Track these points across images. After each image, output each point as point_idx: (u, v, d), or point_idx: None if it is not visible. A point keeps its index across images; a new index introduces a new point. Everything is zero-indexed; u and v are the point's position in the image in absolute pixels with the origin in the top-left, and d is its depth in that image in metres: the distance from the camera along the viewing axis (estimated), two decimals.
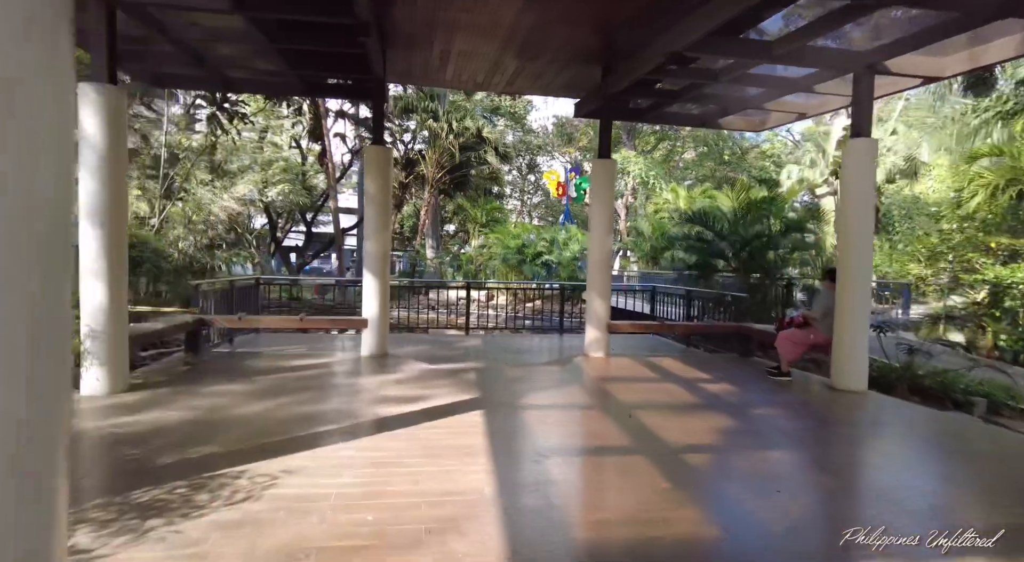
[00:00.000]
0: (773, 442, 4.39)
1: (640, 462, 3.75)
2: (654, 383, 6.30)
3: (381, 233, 7.20)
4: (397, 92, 23.75)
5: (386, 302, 7.30)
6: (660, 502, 3.13)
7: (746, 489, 3.38)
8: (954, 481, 3.81)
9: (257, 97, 15.79)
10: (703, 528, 2.90)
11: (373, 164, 7.23)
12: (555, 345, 9.24)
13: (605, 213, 7.64)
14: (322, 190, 28.55)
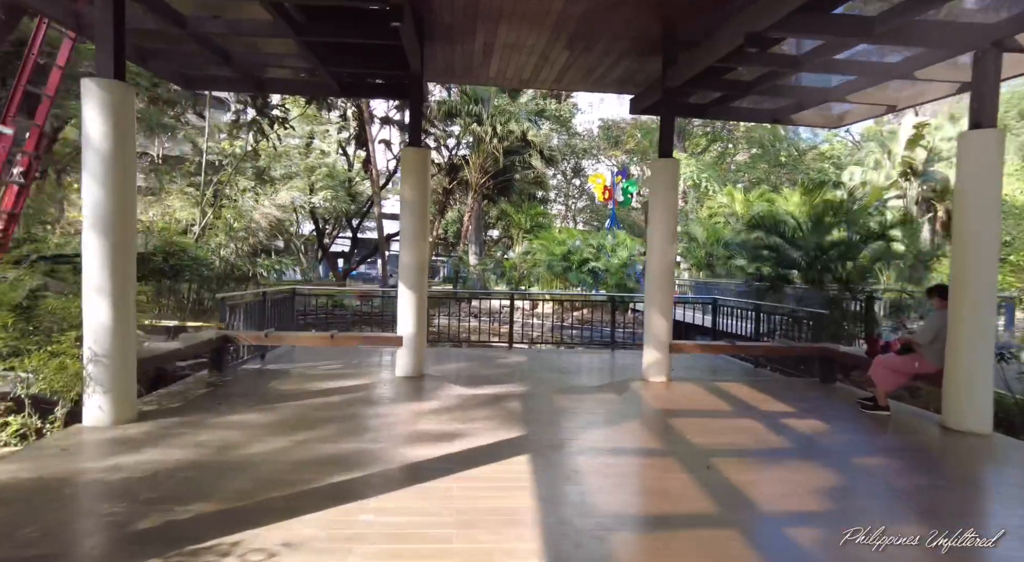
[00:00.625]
0: (899, 510, 3.48)
1: (731, 540, 2.93)
2: (729, 418, 5.42)
3: (418, 242, 6.57)
4: (441, 97, 23.39)
5: (423, 318, 6.66)
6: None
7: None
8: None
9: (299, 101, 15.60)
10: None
11: (410, 168, 6.62)
12: (607, 364, 8.43)
13: (667, 219, 6.80)
14: (368, 196, 28.53)
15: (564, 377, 7.26)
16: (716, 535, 3.00)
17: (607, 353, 9.58)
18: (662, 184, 6.88)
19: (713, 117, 8.53)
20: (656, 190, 6.93)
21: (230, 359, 6.70)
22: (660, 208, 6.85)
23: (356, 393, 5.77)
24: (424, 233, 6.63)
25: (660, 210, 6.85)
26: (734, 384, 6.89)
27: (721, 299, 10.27)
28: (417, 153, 6.63)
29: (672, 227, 6.85)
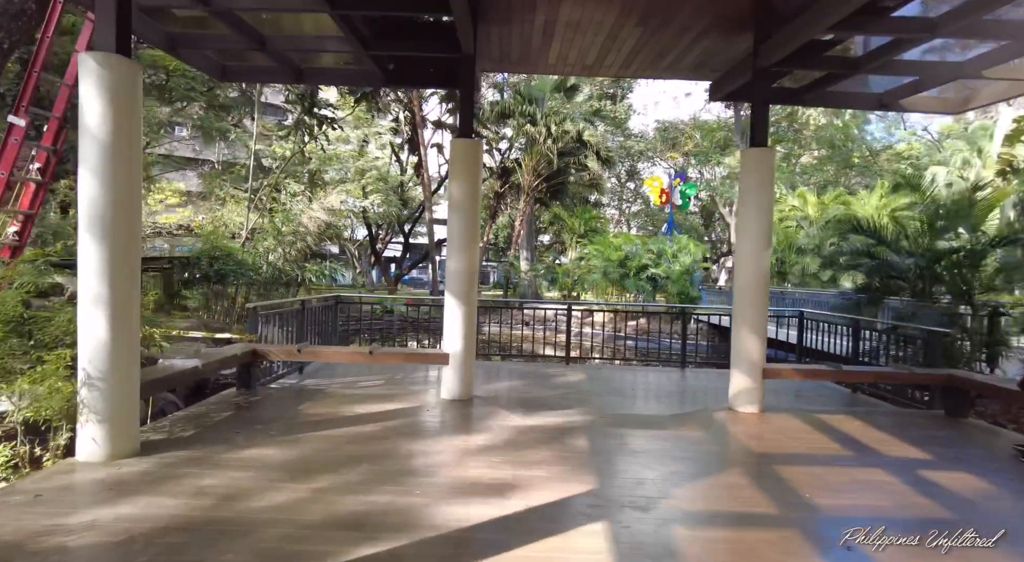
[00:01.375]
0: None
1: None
2: (850, 467, 4.32)
3: (468, 247, 5.76)
4: (493, 98, 22.75)
5: (472, 333, 5.84)
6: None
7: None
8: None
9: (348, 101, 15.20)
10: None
11: (459, 162, 5.82)
12: (679, 386, 7.41)
13: (760, 219, 5.74)
14: (420, 201, 28.22)
15: (633, 403, 6.29)
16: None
17: (676, 371, 8.53)
18: (755, 178, 5.82)
19: (809, 104, 7.39)
20: (747, 185, 5.87)
21: (260, 375, 6.07)
22: (752, 206, 5.80)
23: (395, 420, 4.99)
24: (474, 236, 5.82)
25: (752, 209, 5.80)
26: (840, 417, 5.74)
27: (810, 312, 9.02)
28: (467, 145, 5.82)
29: (766, 229, 5.78)
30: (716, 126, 35.21)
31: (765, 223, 5.78)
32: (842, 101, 7.61)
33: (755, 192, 5.80)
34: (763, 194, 5.79)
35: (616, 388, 7.17)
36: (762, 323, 5.82)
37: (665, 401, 6.54)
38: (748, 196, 5.84)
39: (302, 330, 7.44)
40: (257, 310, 6.18)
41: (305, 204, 14.04)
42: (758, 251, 5.76)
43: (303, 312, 7.46)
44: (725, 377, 8.15)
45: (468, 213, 5.75)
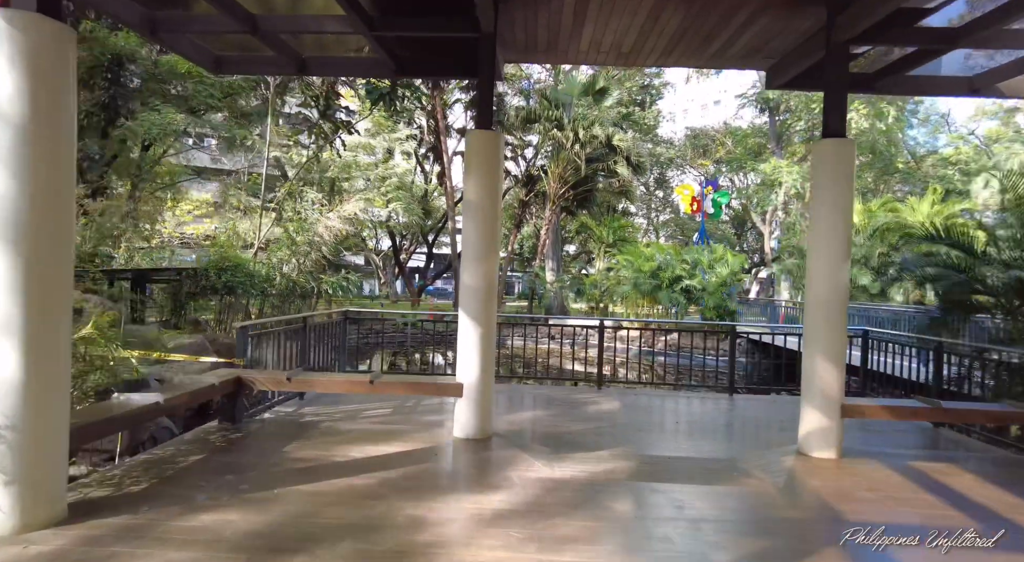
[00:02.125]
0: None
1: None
2: (996, 555, 3.28)
3: (485, 258, 4.88)
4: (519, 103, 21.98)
5: (490, 358, 4.94)
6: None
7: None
8: None
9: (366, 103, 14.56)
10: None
11: (476, 156, 4.96)
12: (729, 417, 6.42)
13: (837, 223, 4.74)
14: (444, 211, 27.60)
15: (679, 441, 5.32)
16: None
17: (723, 398, 7.52)
18: (829, 174, 4.82)
19: (882, 91, 6.34)
20: (821, 183, 4.88)
21: (247, 406, 5.27)
22: (827, 208, 4.81)
23: (396, 468, 4.10)
24: (492, 245, 4.94)
25: (826, 211, 4.80)
26: (939, 465, 4.67)
27: (875, 332, 7.91)
28: (486, 138, 4.96)
29: (844, 235, 4.78)
30: (749, 132, 33.95)
31: (843, 228, 4.78)
32: (923, 87, 6.55)
33: (830, 191, 4.81)
34: (841, 194, 4.80)
35: (657, 421, 6.21)
36: (840, 349, 4.80)
37: (718, 439, 5.54)
38: (822, 196, 4.84)
39: (304, 351, 6.66)
40: (247, 330, 5.39)
41: (321, 213, 13.40)
42: (835, 262, 4.76)
43: (305, 330, 6.68)
44: (779, 406, 7.17)
45: (486, 217, 4.88)
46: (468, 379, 4.84)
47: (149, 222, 17.36)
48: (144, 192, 15.19)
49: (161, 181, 16.80)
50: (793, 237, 26.96)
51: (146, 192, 15.95)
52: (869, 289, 16.50)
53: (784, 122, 31.26)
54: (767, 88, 6.48)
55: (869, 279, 16.55)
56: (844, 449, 4.83)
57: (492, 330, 4.94)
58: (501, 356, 12.02)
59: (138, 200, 15.17)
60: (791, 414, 6.72)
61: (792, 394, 8.82)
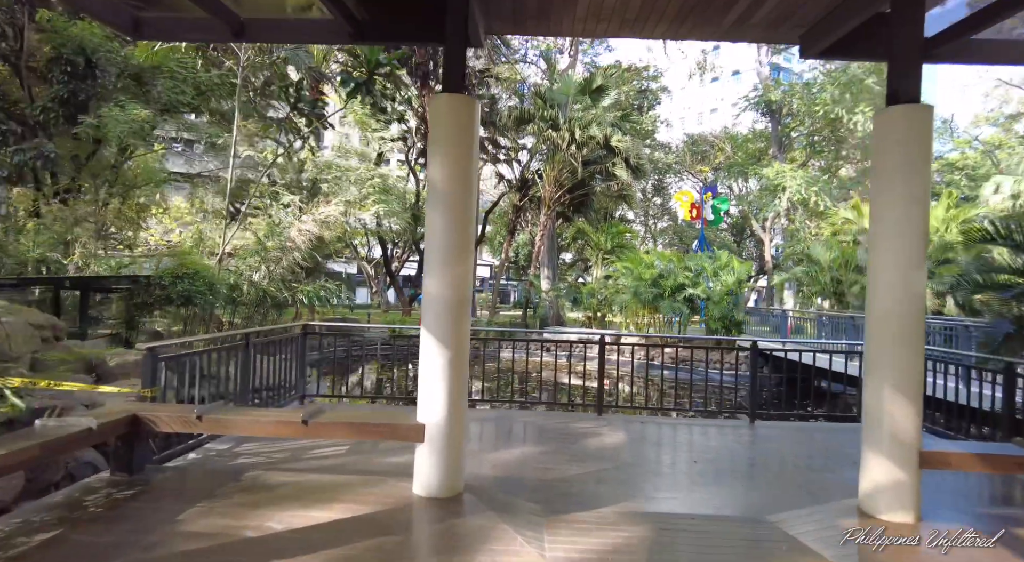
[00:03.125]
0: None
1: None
2: None
3: (456, 260, 3.77)
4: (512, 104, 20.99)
5: (461, 391, 3.81)
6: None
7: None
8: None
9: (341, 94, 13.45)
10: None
11: (444, 126, 3.83)
12: (756, 453, 5.36)
13: (912, 214, 3.65)
14: None
15: (705, 491, 4.20)
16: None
17: (743, 426, 6.45)
18: (899, 150, 3.72)
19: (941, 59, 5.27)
20: (886, 162, 3.77)
21: (153, 450, 4.13)
22: (895, 193, 3.71)
23: (326, 551, 2.97)
24: (465, 242, 3.82)
25: (895, 197, 3.70)
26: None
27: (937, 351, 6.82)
28: (457, 104, 3.85)
29: (921, 226, 3.68)
30: (750, 136, 33.09)
31: (918, 221, 3.68)
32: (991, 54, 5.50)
33: (900, 173, 3.71)
34: (914, 176, 3.70)
35: (670, 459, 5.14)
36: (916, 379, 3.69)
37: (749, 486, 4.43)
38: (889, 179, 3.75)
39: (248, 375, 5.54)
40: (157, 353, 4.25)
41: (295, 216, 12.30)
42: (908, 264, 3.66)
43: (248, 349, 5.56)
44: (808, 436, 6.13)
45: (456, 206, 3.77)
46: (432, 419, 3.71)
47: (132, 228, 16.26)
48: (115, 196, 14.05)
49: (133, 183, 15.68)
50: (797, 244, 26.00)
51: (120, 197, 14.82)
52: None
53: (787, 126, 30.38)
54: (802, 57, 5.40)
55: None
56: (923, 509, 3.72)
57: (464, 354, 3.81)
58: (487, 374, 10.92)
59: (104, 204, 14.03)
60: (824, 446, 5.66)
61: (818, 420, 7.73)
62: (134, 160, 15.49)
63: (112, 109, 13.00)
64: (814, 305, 19.98)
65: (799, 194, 24.34)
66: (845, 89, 25.38)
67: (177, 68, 14.72)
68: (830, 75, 26.71)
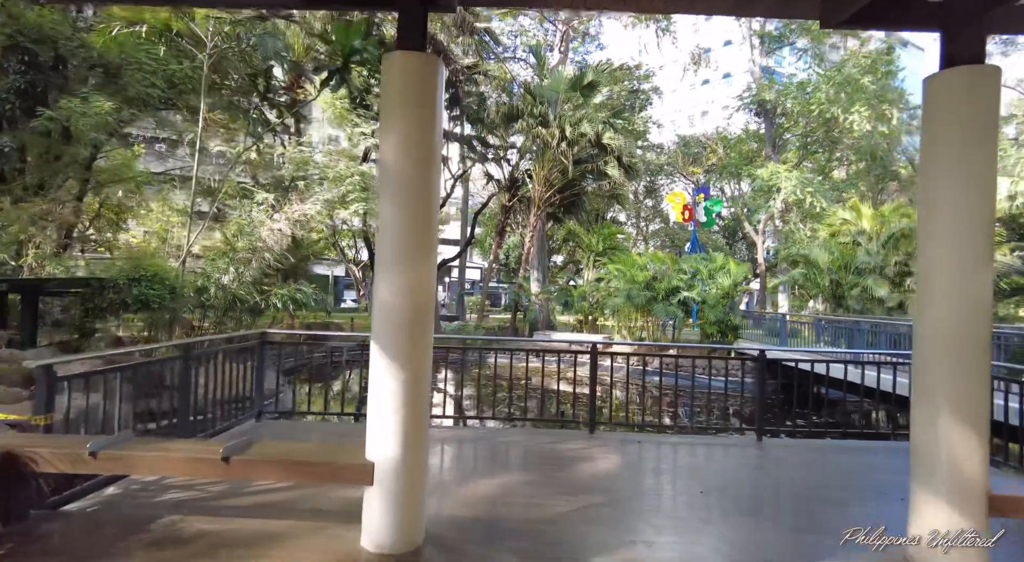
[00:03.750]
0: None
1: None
2: None
3: (413, 259, 3.04)
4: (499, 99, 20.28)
5: (419, 422, 3.07)
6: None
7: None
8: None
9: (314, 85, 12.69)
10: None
11: (399, 90, 3.06)
12: (766, 478, 4.69)
13: (975, 201, 2.97)
14: None
15: (719, 535, 3.50)
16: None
17: (751, 445, 5.79)
18: (959, 123, 3.04)
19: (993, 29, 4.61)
20: (942, 134, 3.08)
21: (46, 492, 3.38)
22: (953, 176, 3.02)
23: None
24: (427, 237, 3.10)
25: (953, 180, 3.02)
26: None
27: None
28: (415, 63, 3.11)
29: (984, 212, 3.00)
30: (744, 137, 32.59)
31: (981, 207, 3.00)
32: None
33: (958, 146, 3.02)
34: (976, 151, 3.01)
35: (671, 488, 4.44)
36: (982, 406, 3.01)
37: (770, 526, 3.73)
38: (943, 156, 3.05)
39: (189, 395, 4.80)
40: (52, 371, 3.49)
41: (267, 215, 11.54)
42: (971, 263, 2.98)
43: (186, 363, 4.81)
44: (823, 456, 5.48)
45: (413, 190, 3.05)
46: (383, 455, 2.98)
47: (112, 229, 15.37)
48: (88, 194, 13.21)
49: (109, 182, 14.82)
50: (792, 246, 25.50)
51: (94, 195, 13.97)
52: (886, 301, 14.89)
53: (780, 126, 29.89)
54: (822, 27, 4.72)
55: (886, 290, 14.94)
56: None
57: (424, 376, 3.08)
58: (464, 381, 10.14)
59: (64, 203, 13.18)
60: (844, 471, 5.04)
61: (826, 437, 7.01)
62: (108, 158, 14.66)
63: (72, 101, 12.18)
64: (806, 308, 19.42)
65: (794, 195, 23.78)
66: (840, 89, 24.88)
67: (147, 59, 13.94)
68: (825, 75, 26.22)
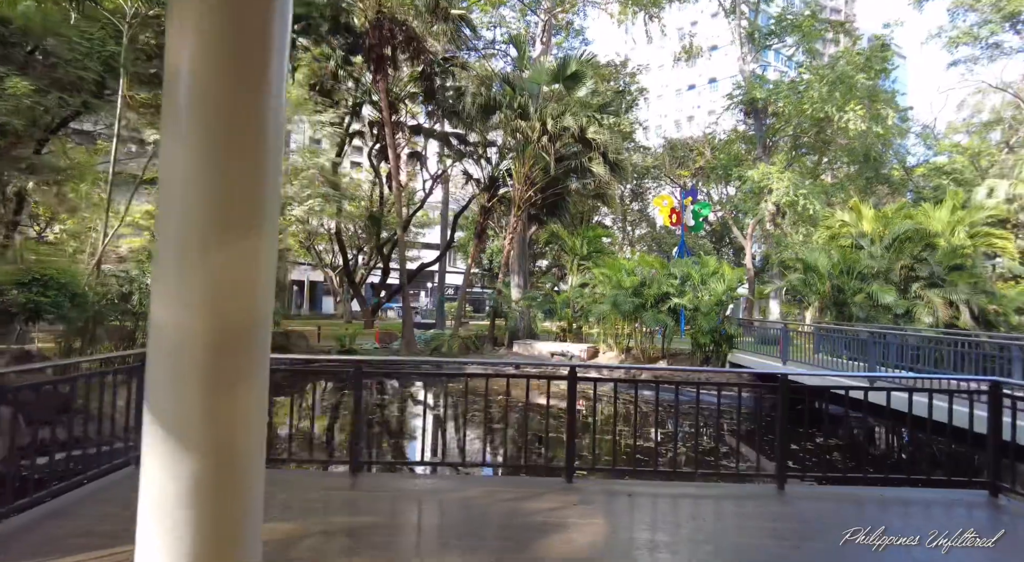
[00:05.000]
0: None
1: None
2: None
3: (224, 237, 1.69)
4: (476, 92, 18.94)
5: (254, 519, 1.71)
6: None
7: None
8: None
9: None
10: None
11: None
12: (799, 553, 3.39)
13: None
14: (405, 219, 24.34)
15: None
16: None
17: (771, 495, 4.49)
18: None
19: None
20: None
21: None
22: None
23: None
24: (253, 198, 1.73)
25: None
26: None
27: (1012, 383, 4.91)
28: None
29: None
30: (734, 138, 31.58)
31: None
32: None
33: None
34: None
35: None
36: None
37: None
38: None
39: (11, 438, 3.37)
40: None
41: None
42: None
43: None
44: (862, 510, 4.17)
45: (227, 117, 1.68)
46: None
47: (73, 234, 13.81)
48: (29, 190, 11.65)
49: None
50: (784, 250, 24.43)
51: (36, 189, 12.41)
52: (894, 308, 13.72)
53: (771, 127, 28.90)
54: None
55: (893, 296, 13.77)
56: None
57: (248, 462, 1.69)
58: (407, 418, 8.65)
59: None
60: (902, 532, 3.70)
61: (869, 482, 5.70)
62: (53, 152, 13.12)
63: None
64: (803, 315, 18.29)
65: (787, 197, 22.69)
66: (833, 87, 23.91)
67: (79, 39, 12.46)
68: (818, 73, 25.25)
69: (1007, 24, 30.20)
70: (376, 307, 32.35)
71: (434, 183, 28.34)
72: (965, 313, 13.62)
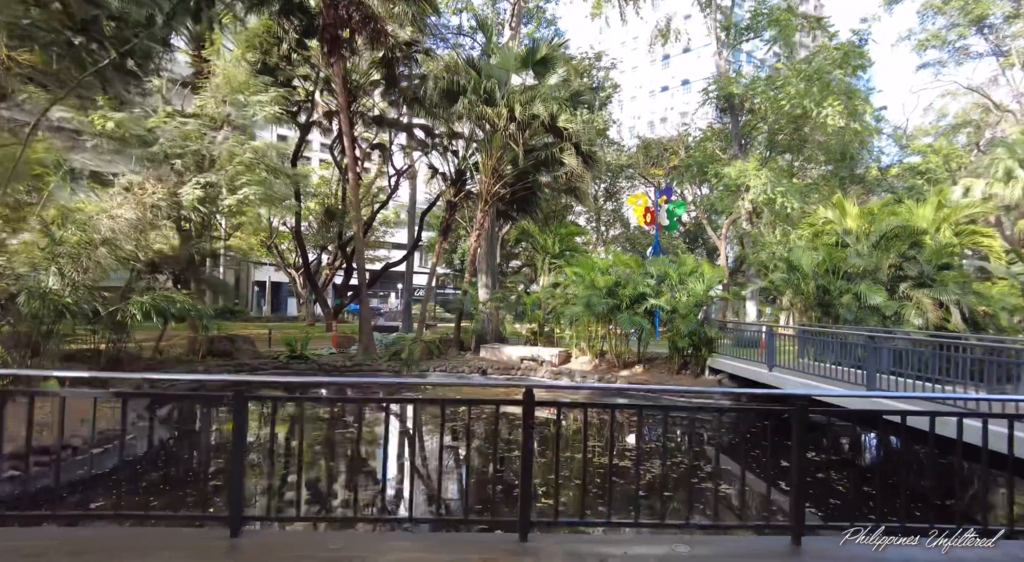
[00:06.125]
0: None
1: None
2: None
3: None
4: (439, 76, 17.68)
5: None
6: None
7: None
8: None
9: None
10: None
11: None
12: None
13: None
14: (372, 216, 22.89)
15: None
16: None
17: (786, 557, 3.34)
18: None
19: None
20: None
21: None
22: None
23: None
24: None
25: None
26: None
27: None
28: None
29: None
30: (710, 135, 30.85)
31: None
32: None
33: None
34: None
35: None
36: None
37: None
38: None
39: None
40: None
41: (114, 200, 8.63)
42: None
43: None
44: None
45: None
46: None
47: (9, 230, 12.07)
48: None
49: None
50: (762, 250, 23.68)
51: None
52: (883, 310, 12.87)
53: (747, 123, 28.23)
54: None
55: (883, 297, 12.93)
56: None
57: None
58: (313, 455, 6.72)
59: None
60: None
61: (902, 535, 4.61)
62: None
63: None
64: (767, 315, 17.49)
65: (764, 195, 21.93)
66: (810, 82, 23.28)
67: None
68: (795, 68, 24.62)
69: (974, 28, 30.25)
70: (338, 309, 30.80)
71: (399, 178, 26.96)
72: (956, 314, 12.87)
